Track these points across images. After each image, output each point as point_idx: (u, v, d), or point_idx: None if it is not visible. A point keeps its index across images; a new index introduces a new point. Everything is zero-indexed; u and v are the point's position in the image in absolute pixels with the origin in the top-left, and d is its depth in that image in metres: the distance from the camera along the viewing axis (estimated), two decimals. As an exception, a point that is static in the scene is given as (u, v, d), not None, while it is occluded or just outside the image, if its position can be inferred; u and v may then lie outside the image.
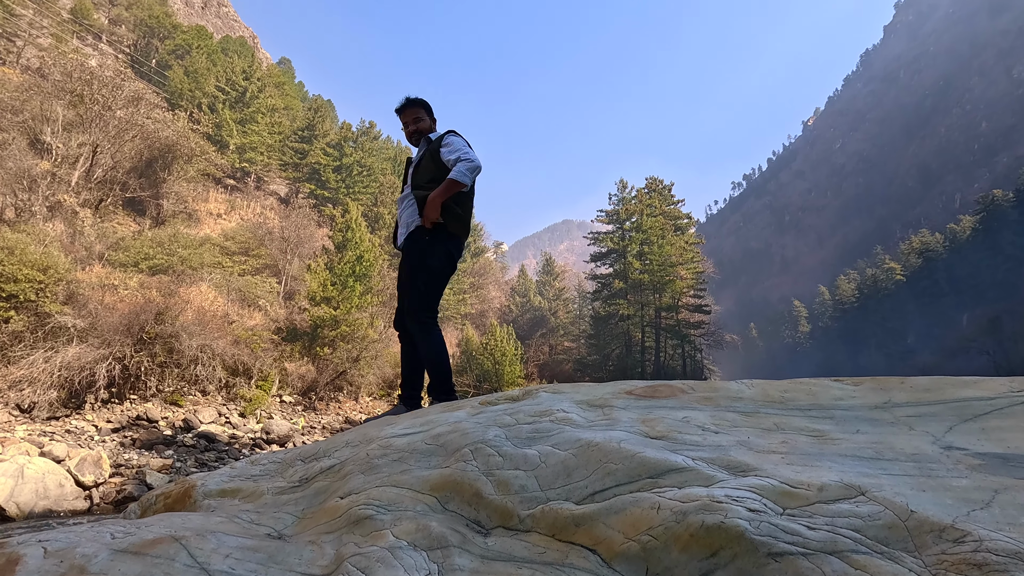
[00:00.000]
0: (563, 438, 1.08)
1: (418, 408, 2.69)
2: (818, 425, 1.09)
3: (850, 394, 1.23)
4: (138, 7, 39.60)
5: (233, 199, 28.68)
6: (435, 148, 2.80)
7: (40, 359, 11.23)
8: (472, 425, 1.25)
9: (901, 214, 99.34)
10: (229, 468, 1.56)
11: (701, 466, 0.90)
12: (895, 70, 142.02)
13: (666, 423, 1.13)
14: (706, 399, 1.29)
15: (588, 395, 1.41)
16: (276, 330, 17.54)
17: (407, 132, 2.97)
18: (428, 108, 3.03)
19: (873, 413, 1.12)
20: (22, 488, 8.11)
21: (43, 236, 15.28)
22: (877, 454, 0.92)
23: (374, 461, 1.21)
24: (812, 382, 1.32)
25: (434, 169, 2.74)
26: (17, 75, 24.98)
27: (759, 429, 1.09)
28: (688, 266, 29.91)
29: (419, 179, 2.80)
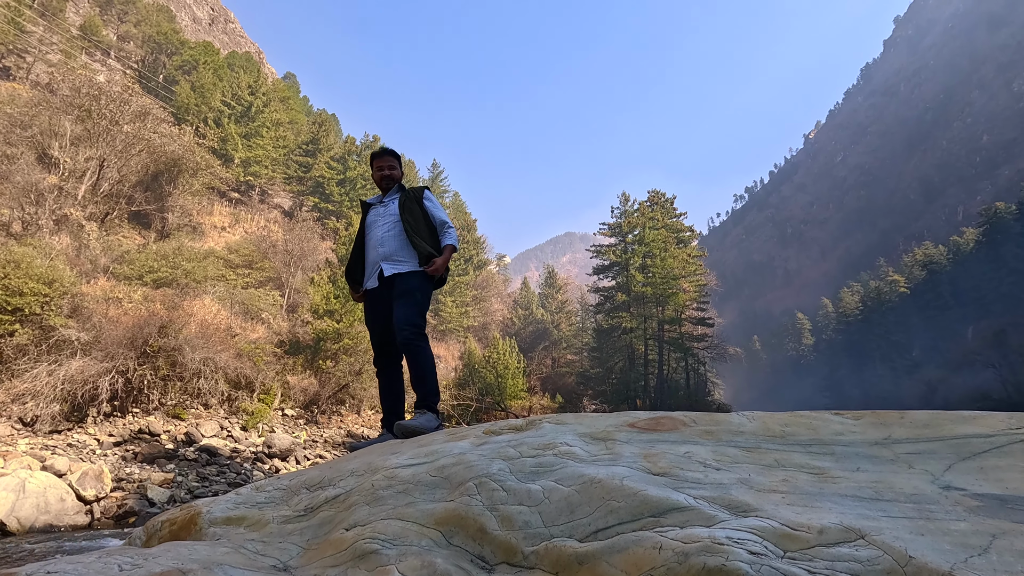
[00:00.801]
0: (566, 473, 1.09)
1: None
2: (819, 462, 1.10)
3: (850, 428, 1.24)
4: (146, 24, 40.21)
5: (237, 212, 28.87)
6: (417, 196, 3.14)
7: (44, 372, 11.25)
8: (476, 457, 1.26)
9: (904, 227, 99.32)
10: (234, 495, 1.57)
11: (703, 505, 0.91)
12: (895, 84, 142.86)
13: (668, 459, 1.14)
14: (708, 433, 1.29)
15: (591, 427, 1.41)
16: (279, 343, 17.56)
17: (380, 175, 3.26)
18: (399, 160, 3.38)
19: (873, 450, 1.13)
20: (23, 502, 8.09)
21: (49, 249, 15.39)
22: (877, 494, 0.93)
23: (379, 492, 1.21)
24: (813, 415, 1.32)
25: (421, 217, 3.06)
26: (27, 90, 25.33)
27: (760, 466, 1.10)
28: (691, 279, 29.90)
29: (408, 220, 3.04)
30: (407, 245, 2.96)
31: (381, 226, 3.06)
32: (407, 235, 2.96)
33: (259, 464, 12.34)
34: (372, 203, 3.24)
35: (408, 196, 3.12)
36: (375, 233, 3.06)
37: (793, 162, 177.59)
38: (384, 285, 2.96)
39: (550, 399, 25.56)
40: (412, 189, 3.18)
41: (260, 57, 57.46)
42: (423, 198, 3.13)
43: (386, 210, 3.11)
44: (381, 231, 3.04)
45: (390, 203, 3.13)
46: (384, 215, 3.10)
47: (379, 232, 3.04)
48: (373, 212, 3.17)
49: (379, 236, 3.03)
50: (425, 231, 3.01)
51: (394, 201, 3.12)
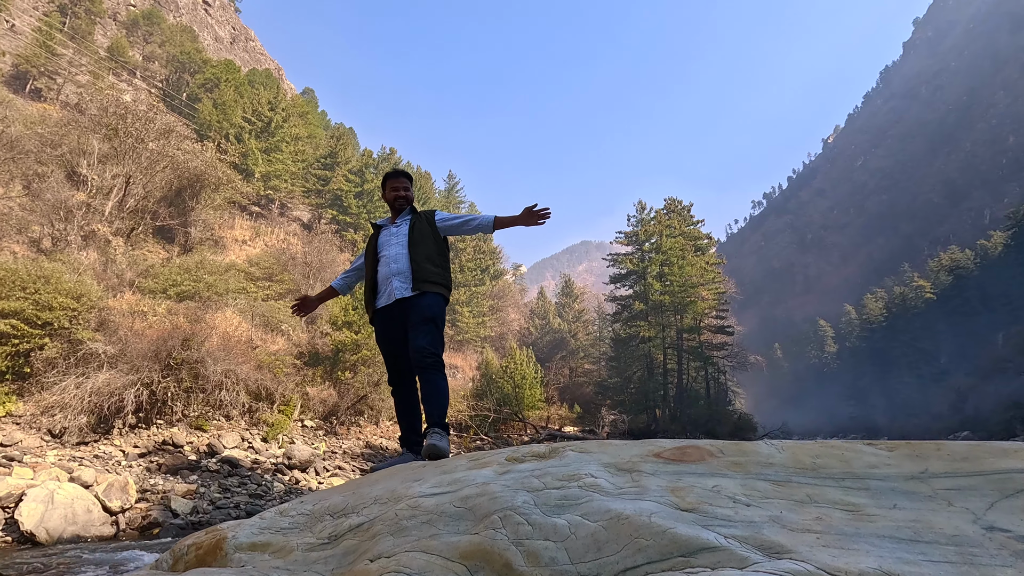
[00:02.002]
0: (592, 507, 1.08)
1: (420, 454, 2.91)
2: (853, 498, 1.06)
3: (884, 461, 1.20)
4: (171, 44, 41.36)
5: (258, 226, 29.36)
6: (429, 217, 3.18)
7: (72, 385, 11.50)
8: (500, 488, 1.25)
9: (928, 231, 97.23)
10: (259, 519, 1.57)
11: (734, 545, 0.88)
12: (916, 86, 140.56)
13: (696, 493, 1.11)
14: (736, 464, 1.26)
15: (616, 457, 1.39)
16: (298, 355, 17.74)
17: (394, 196, 3.31)
18: (412, 181, 3.44)
19: (910, 484, 1.09)
20: (52, 513, 8.24)
21: (77, 265, 15.81)
22: (916, 535, 0.89)
23: (403, 523, 1.21)
24: (844, 446, 1.29)
25: (432, 239, 3.09)
26: (57, 111, 26.17)
27: (792, 502, 1.07)
28: (709, 287, 29.57)
29: (418, 241, 3.08)
30: (420, 264, 2.99)
31: (393, 245, 3.10)
32: (419, 254, 3.00)
33: (279, 475, 12.44)
34: (383, 224, 3.27)
35: (419, 217, 3.17)
36: (388, 252, 3.09)
37: (812, 167, 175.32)
38: (397, 304, 2.97)
39: (568, 409, 25.39)
40: (424, 211, 3.23)
41: (279, 74, 58.66)
42: (435, 219, 3.17)
43: (398, 230, 3.14)
44: (394, 250, 3.07)
45: (402, 223, 3.17)
46: (397, 235, 3.13)
47: (391, 251, 3.08)
48: (385, 233, 3.21)
49: (392, 254, 3.06)
50: (435, 251, 3.05)
51: (406, 222, 3.17)
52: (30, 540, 7.83)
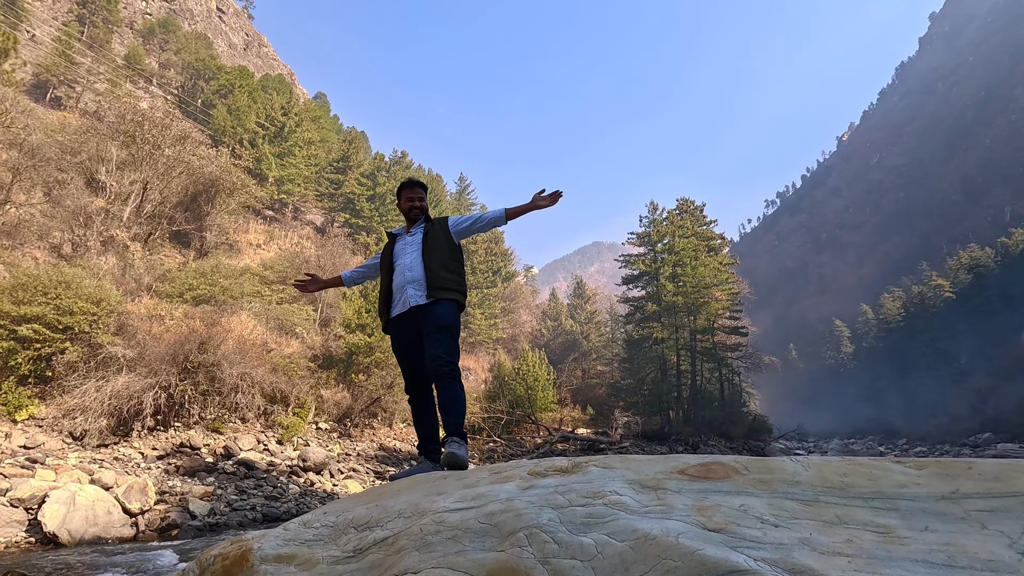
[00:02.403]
0: (619, 526, 1.07)
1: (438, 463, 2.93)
2: (883, 519, 1.05)
3: (914, 480, 1.18)
4: (186, 51, 41.96)
5: (272, 229, 29.67)
6: (442, 224, 3.22)
7: (92, 388, 11.71)
8: (525, 505, 1.25)
9: (946, 229, 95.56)
10: (283, 530, 1.59)
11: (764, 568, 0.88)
12: (932, 82, 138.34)
13: (723, 512, 1.11)
14: (762, 482, 1.25)
15: (640, 474, 1.39)
16: (312, 357, 17.89)
17: (410, 205, 3.33)
18: (427, 190, 3.47)
19: (941, 505, 1.07)
20: (73, 515, 8.39)
21: (97, 270, 16.09)
22: (950, 559, 0.88)
23: (428, 538, 1.22)
24: (872, 464, 1.27)
25: (447, 247, 3.12)
26: (76, 119, 26.65)
27: (821, 522, 1.06)
28: (723, 287, 29.34)
29: (433, 248, 3.11)
30: (434, 272, 3.01)
31: (408, 254, 3.13)
32: (433, 262, 3.03)
33: (294, 478, 12.55)
34: (398, 233, 3.31)
35: (433, 225, 3.21)
36: (403, 261, 3.12)
37: (826, 165, 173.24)
38: (412, 312, 2.99)
39: (581, 411, 25.32)
40: (438, 219, 3.26)
41: (292, 78, 59.27)
42: (448, 225, 3.21)
43: (413, 239, 3.18)
44: (409, 258, 3.10)
45: (417, 232, 3.20)
46: (411, 243, 3.17)
47: (406, 259, 3.11)
48: (400, 242, 3.24)
49: (407, 263, 3.09)
50: (449, 258, 3.08)
51: (420, 230, 3.21)
52: (53, 541, 7.97)
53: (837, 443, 41.19)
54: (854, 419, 63.30)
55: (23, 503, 8.42)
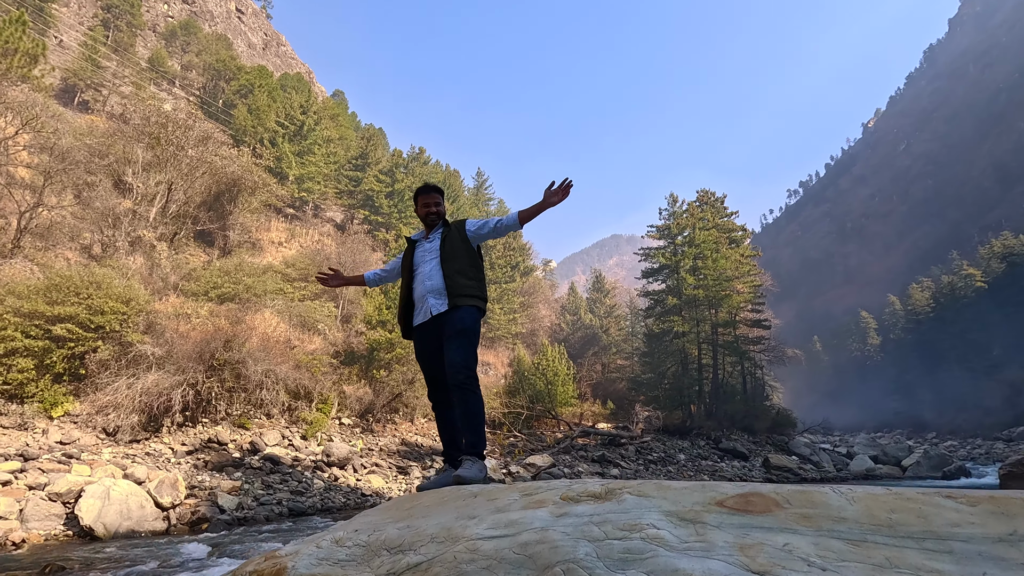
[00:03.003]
0: (658, 564, 1.04)
1: None
2: (937, 564, 0.99)
3: (967, 518, 1.11)
4: (207, 53, 42.59)
5: (293, 227, 30.06)
6: (459, 228, 3.19)
7: (123, 386, 12.02)
8: (560, 536, 1.22)
9: (978, 217, 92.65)
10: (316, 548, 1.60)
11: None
12: (963, 65, 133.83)
13: (767, 553, 1.06)
14: (805, 518, 1.20)
15: (677, 504, 1.34)
16: (335, 354, 18.11)
17: (426, 211, 3.29)
18: (443, 195, 3.41)
19: (998, 548, 1.01)
20: (108, 509, 8.64)
21: (125, 270, 16.49)
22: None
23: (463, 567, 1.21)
24: (921, 500, 1.21)
25: (465, 252, 3.10)
26: (103, 122, 27.28)
27: (870, 565, 1.00)
28: (745, 280, 28.90)
29: (451, 255, 3.08)
30: (453, 279, 3.00)
31: (428, 261, 3.11)
32: (451, 269, 3.02)
33: (319, 473, 12.75)
34: (417, 239, 3.29)
35: (451, 230, 3.19)
36: (423, 269, 3.11)
37: (851, 153, 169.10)
38: (433, 321, 2.99)
39: (601, 405, 25.24)
40: (455, 223, 3.24)
41: (310, 77, 59.81)
42: (465, 229, 3.19)
43: (431, 245, 3.16)
44: (428, 266, 3.09)
45: (435, 238, 3.19)
46: (430, 250, 3.15)
47: (426, 268, 3.09)
48: (419, 248, 3.22)
49: (426, 271, 3.08)
50: (467, 264, 3.06)
51: (438, 236, 3.19)
52: (89, 534, 8.23)
53: (864, 437, 40.40)
54: (881, 412, 62.03)
55: (60, 497, 8.70)
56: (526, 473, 15.08)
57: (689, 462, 20.56)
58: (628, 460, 18.76)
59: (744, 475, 20.00)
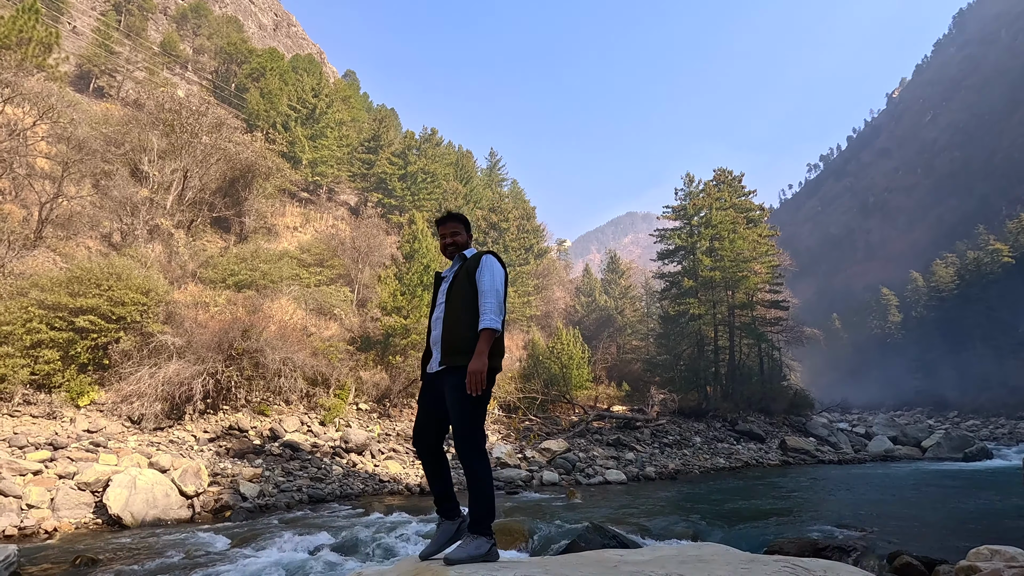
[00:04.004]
0: None
1: (460, 517, 2.76)
2: None
3: None
4: (218, 36, 42.44)
5: (307, 212, 30.17)
6: (471, 268, 2.82)
7: (146, 375, 12.29)
8: None
9: (1007, 190, 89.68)
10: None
11: None
12: (995, 31, 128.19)
13: None
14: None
15: None
16: (351, 340, 18.28)
17: (443, 243, 3.02)
18: (466, 223, 3.08)
19: None
20: (135, 498, 8.90)
21: (144, 259, 16.72)
22: None
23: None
24: None
25: (468, 291, 2.77)
26: (119, 109, 27.43)
27: None
28: (762, 260, 28.42)
29: (453, 303, 2.79)
30: (450, 331, 2.74)
31: (440, 306, 2.89)
32: (449, 322, 2.76)
33: (337, 459, 12.99)
34: (444, 275, 3.03)
35: (461, 270, 2.87)
36: (435, 313, 2.91)
37: (874, 125, 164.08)
38: (436, 376, 2.79)
39: (616, 387, 25.26)
40: (473, 258, 2.89)
41: (322, 57, 59.35)
42: (476, 267, 2.81)
43: (446, 287, 2.92)
44: (438, 312, 2.88)
45: (450, 276, 2.93)
46: (443, 293, 2.91)
47: (436, 313, 2.89)
48: (442, 285, 2.98)
49: (435, 317, 2.88)
50: (471, 315, 2.72)
51: (451, 275, 2.93)
52: (117, 522, 8.50)
53: (883, 417, 40.02)
54: (902, 391, 61.28)
55: (89, 486, 8.98)
56: (541, 458, 15.21)
57: (705, 445, 20.56)
58: (643, 443, 18.80)
59: (760, 458, 19.96)
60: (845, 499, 11.96)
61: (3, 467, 8.96)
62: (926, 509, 10.47)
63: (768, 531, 8.24)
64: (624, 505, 10.96)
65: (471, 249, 3.03)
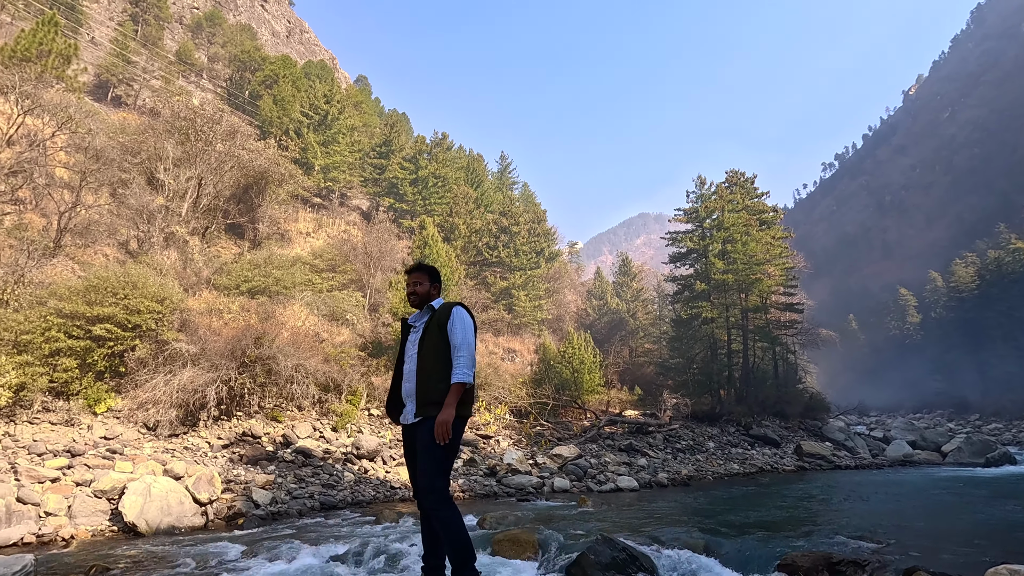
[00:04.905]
0: None
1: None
2: None
3: None
4: (232, 44, 43.02)
5: (320, 217, 30.44)
6: (442, 321, 2.91)
7: (161, 382, 12.46)
8: None
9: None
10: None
11: None
12: (1015, 24, 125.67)
13: None
14: None
15: None
16: (362, 346, 18.39)
17: (407, 292, 3.15)
18: (432, 274, 3.18)
19: None
20: (150, 505, 9.02)
21: (160, 266, 16.98)
22: None
23: None
24: None
25: (440, 343, 2.86)
26: (136, 118, 27.90)
27: None
28: (776, 262, 28.09)
29: (426, 356, 2.86)
30: (424, 383, 2.82)
31: (411, 358, 2.95)
32: (423, 374, 2.84)
33: (349, 465, 13.05)
34: (412, 324, 3.11)
35: (432, 322, 2.94)
36: (408, 366, 2.96)
37: (891, 123, 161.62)
38: (409, 428, 2.88)
39: (628, 391, 25.11)
40: (443, 310, 2.97)
41: (334, 63, 59.90)
42: (448, 320, 2.91)
43: (416, 337, 2.98)
44: (411, 364, 2.93)
45: (419, 327, 3.00)
46: (413, 344, 2.98)
47: (409, 365, 2.95)
48: (411, 335, 3.04)
49: (408, 370, 2.94)
50: (443, 365, 2.83)
51: (422, 326, 3.00)
52: (132, 530, 8.62)
53: (902, 420, 39.36)
54: (922, 393, 60.25)
55: (105, 494, 9.12)
56: (552, 464, 15.16)
57: (719, 450, 20.37)
58: (656, 449, 18.67)
59: (775, 463, 19.72)
60: (862, 508, 11.76)
61: (23, 474, 9.14)
62: (946, 519, 10.25)
63: (782, 542, 8.11)
64: (636, 513, 10.88)
65: (438, 299, 3.10)
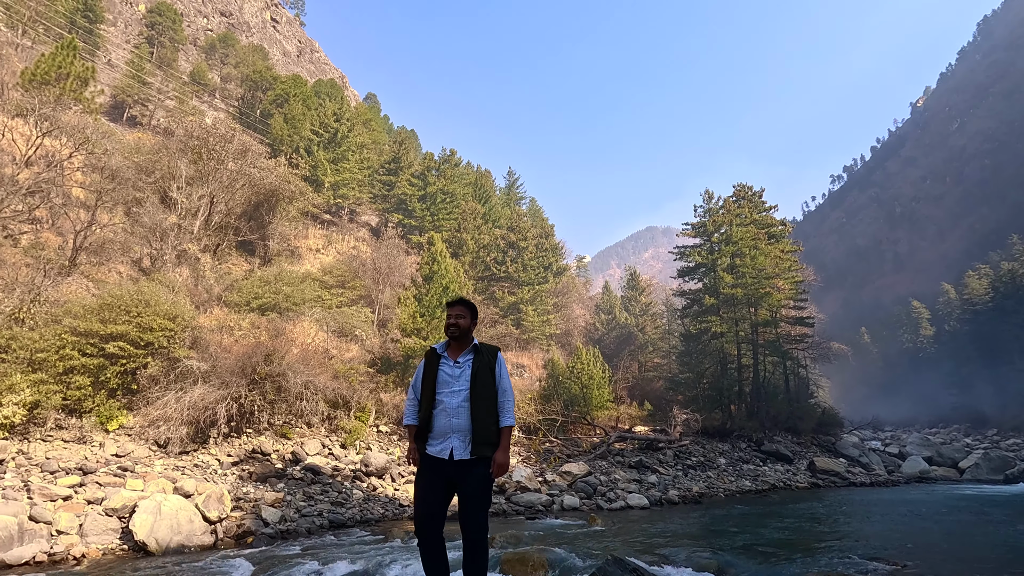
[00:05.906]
0: None
1: None
2: None
3: None
4: (244, 64, 43.86)
5: (329, 234, 30.72)
6: (491, 362, 3.04)
7: (172, 400, 12.54)
8: None
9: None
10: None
11: None
12: (1022, 36, 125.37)
13: None
14: None
15: None
16: (371, 362, 18.43)
17: (448, 323, 3.15)
18: (474, 311, 3.24)
19: None
20: (160, 524, 9.04)
21: (172, 283, 17.18)
22: None
23: None
24: None
25: (491, 385, 2.99)
26: (150, 138, 28.43)
27: None
28: (786, 276, 27.92)
29: (480, 396, 2.96)
30: (482, 422, 2.89)
31: (457, 393, 2.96)
32: (480, 410, 2.92)
33: (358, 483, 13.02)
34: (442, 355, 3.09)
35: (482, 363, 3.01)
36: (450, 401, 2.95)
37: (899, 134, 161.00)
38: (452, 463, 2.89)
39: (638, 407, 24.91)
40: (487, 352, 3.06)
41: (343, 81, 60.85)
42: (495, 364, 3.04)
43: (461, 374, 3.00)
44: (456, 400, 2.94)
45: (465, 366, 3.02)
46: (459, 380, 2.99)
47: (452, 401, 2.94)
48: (446, 369, 3.03)
49: (454, 405, 2.94)
50: (495, 410, 2.98)
51: (468, 364, 3.03)
52: (143, 549, 8.63)
53: (917, 435, 38.65)
54: (937, 407, 59.15)
55: (116, 512, 9.16)
56: (562, 481, 15.03)
57: (730, 466, 20.11)
58: (666, 465, 18.47)
59: (788, 480, 19.42)
60: (877, 527, 11.54)
61: (36, 492, 9.21)
62: (963, 539, 10.05)
63: (795, 563, 7.99)
64: (646, 532, 10.75)
65: (474, 339, 3.18)
